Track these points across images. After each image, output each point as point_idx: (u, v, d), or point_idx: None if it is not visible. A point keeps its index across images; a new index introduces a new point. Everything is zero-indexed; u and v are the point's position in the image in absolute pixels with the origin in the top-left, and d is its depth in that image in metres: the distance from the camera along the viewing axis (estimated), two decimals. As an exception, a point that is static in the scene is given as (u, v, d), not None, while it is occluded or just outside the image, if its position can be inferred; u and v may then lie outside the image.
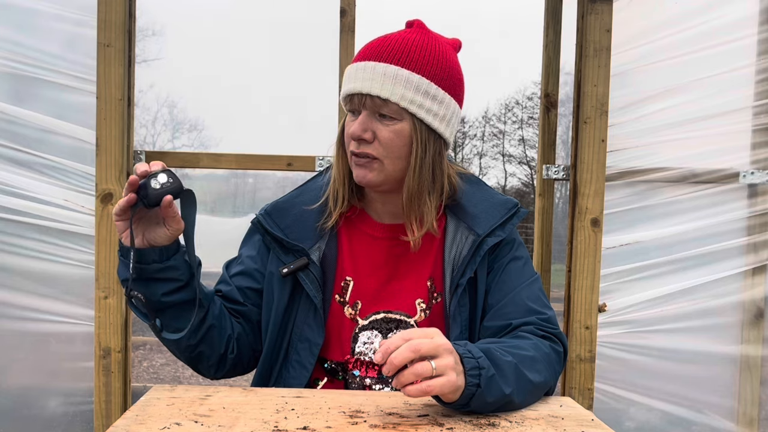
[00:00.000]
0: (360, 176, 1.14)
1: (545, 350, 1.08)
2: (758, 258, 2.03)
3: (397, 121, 1.11)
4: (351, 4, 1.99)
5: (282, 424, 0.87)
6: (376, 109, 1.11)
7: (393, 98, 1.09)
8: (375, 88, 1.09)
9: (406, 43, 1.13)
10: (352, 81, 1.12)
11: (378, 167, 1.12)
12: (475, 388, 0.90)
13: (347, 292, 1.20)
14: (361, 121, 1.11)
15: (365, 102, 1.10)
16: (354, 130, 1.11)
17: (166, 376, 4.70)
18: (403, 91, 1.10)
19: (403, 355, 0.85)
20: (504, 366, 0.96)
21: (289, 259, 1.17)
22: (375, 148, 1.11)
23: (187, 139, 7.55)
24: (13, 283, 1.93)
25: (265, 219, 1.22)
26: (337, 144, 1.20)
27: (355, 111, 1.13)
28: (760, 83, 2.03)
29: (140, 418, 0.88)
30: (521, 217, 1.22)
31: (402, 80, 1.10)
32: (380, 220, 1.23)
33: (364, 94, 1.10)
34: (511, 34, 41.02)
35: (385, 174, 1.13)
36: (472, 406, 0.92)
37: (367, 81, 1.10)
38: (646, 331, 2.03)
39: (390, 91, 1.09)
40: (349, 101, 1.13)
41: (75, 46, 1.92)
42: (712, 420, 2.06)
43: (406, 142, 1.12)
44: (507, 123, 27.74)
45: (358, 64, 1.13)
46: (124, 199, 1.01)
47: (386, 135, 1.11)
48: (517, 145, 27.35)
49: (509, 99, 30.23)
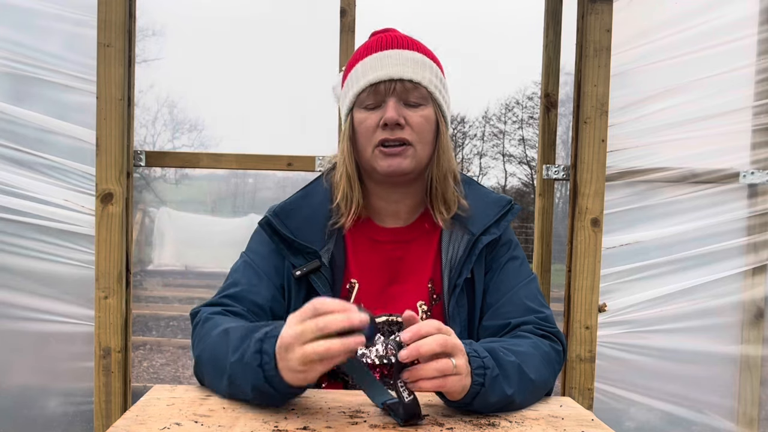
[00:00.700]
0: (395, 165, 1.12)
1: (545, 349, 1.08)
2: (758, 258, 2.03)
3: (424, 106, 1.13)
4: (351, 4, 1.99)
5: (282, 424, 0.87)
6: (406, 94, 1.12)
7: (424, 82, 1.12)
8: (408, 72, 1.10)
9: (408, 36, 1.18)
10: (378, 69, 1.11)
11: (411, 153, 1.13)
12: (479, 387, 0.90)
13: (352, 295, 1.19)
14: (394, 107, 1.10)
15: (394, 88, 1.11)
16: (391, 115, 1.10)
17: (166, 376, 4.70)
18: (430, 76, 1.14)
19: (431, 346, 0.84)
20: (507, 366, 0.96)
21: (298, 261, 1.16)
22: (408, 133, 1.12)
23: (187, 139, 7.55)
24: (13, 283, 1.94)
25: (274, 219, 1.18)
26: (348, 142, 1.17)
27: (377, 103, 1.12)
28: (760, 83, 2.03)
29: (140, 419, 0.88)
30: (515, 214, 1.22)
31: (427, 66, 1.14)
32: (382, 224, 1.23)
33: (395, 79, 1.10)
34: (511, 34, 41.03)
35: (417, 160, 1.14)
36: (474, 405, 0.92)
37: (398, 66, 1.11)
38: (646, 331, 2.03)
39: (421, 75, 1.12)
40: (374, 91, 1.12)
41: (75, 46, 1.93)
42: (712, 420, 2.06)
43: (433, 127, 1.15)
44: (507, 123, 27.75)
45: (378, 53, 1.13)
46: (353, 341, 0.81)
47: (417, 120, 1.12)
48: (518, 145, 27.37)
49: (509, 99, 30.23)
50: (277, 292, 1.17)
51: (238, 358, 0.91)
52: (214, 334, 1.02)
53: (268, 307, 1.15)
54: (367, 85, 1.12)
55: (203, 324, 1.08)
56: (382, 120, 1.11)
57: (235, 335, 0.96)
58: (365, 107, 1.14)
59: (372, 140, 1.13)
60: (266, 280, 1.16)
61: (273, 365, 0.85)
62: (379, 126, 1.12)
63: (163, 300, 6.76)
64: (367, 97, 1.13)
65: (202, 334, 1.06)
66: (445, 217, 1.18)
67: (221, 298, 1.15)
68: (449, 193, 1.19)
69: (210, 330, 1.04)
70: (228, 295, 1.15)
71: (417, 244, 1.21)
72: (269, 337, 0.88)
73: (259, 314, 1.14)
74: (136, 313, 2.35)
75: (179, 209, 8.55)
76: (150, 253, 9.08)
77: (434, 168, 1.18)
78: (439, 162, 1.17)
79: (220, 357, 0.96)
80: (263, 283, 1.16)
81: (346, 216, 1.18)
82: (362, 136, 1.15)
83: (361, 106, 1.15)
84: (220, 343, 0.98)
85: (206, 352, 1.02)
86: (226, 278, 1.21)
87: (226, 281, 1.20)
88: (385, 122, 1.11)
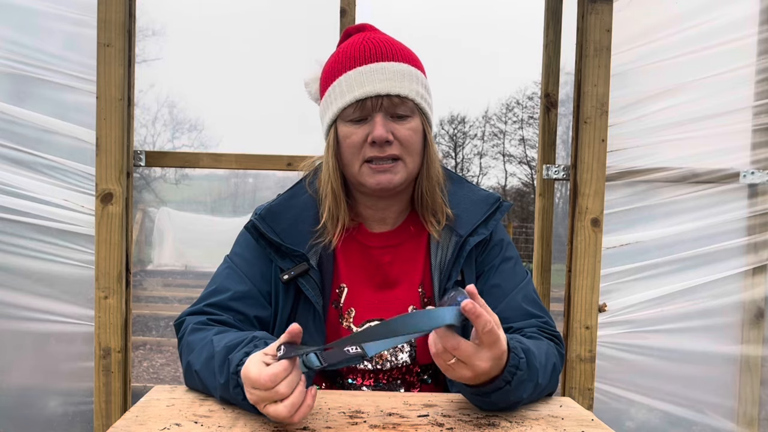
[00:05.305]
0: (385, 181, 1.11)
1: (554, 351, 1.08)
2: (758, 258, 2.03)
3: (411, 117, 1.12)
4: (351, 4, 1.99)
5: (282, 424, 0.87)
6: (393, 109, 1.10)
7: (411, 95, 1.10)
8: (395, 88, 1.08)
9: (388, 42, 1.14)
10: (365, 84, 1.08)
11: (401, 168, 1.12)
12: (505, 384, 0.89)
13: (341, 299, 1.18)
14: (383, 123, 1.08)
15: (381, 104, 1.08)
16: (380, 133, 1.07)
17: (166, 376, 4.70)
18: (417, 87, 1.12)
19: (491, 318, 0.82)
20: (534, 371, 0.95)
21: (286, 264, 1.13)
22: (397, 148, 1.10)
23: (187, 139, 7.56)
24: (13, 283, 1.94)
25: (260, 223, 1.16)
26: (333, 158, 1.14)
27: (363, 116, 1.10)
28: (760, 83, 2.03)
29: (140, 419, 0.88)
30: (504, 212, 1.20)
31: (413, 76, 1.12)
32: (370, 229, 1.21)
33: (383, 95, 1.08)
34: (512, 34, 41.02)
35: (407, 173, 1.13)
36: (492, 398, 0.91)
37: (384, 82, 1.08)
38: (646, 331, 2.03)
39: (408, 88, 1.10)
40: (360, 106, 1.09)
41: (75, 46, 1.92)
42: (712, 420, 2.06)
43: (421, 138, 1.14)
44: (507, 123, 27.77)
45: (363, 67, 1.10)
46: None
47: (405, 133, 1.11)
48: (518, 145, 27.40)
49: (510, 99, 30.27)
50: (263, 298, 1.15)
51: (224, 384, 0.92)
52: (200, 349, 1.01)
53: (252, 315, 1.13)
54: (353, 101, 1.09)
55: (190, 334, 1.07)
56: (369, 137, 1.09)
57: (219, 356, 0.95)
58: (350, 121, 1.11)
59: (359, 156, 1.11)
60: (251, 286, 1.15)
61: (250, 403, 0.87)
62: (367, 142, 1.10)
63: (163, 300, 6.76)
64: (353, 112, 1.10)
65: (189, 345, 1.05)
66: (436, 228, 1.17)
67: (205, 306, 1.13)
68: (437, 204, 1.18)
69: (196, 343, 1.04)
70: (212, 303, 1.13)
71: (405, 248, 1.20)
72: (239, 373, 0.88)
73: (244, 322, 1.13)
74: (136, 313, 2.35)
75: (179, 209, 8.56)
76: (150, 253, 9.09)
77: (424, 180, 1.16)
78: (429, 174, 1.16)
79: (208, 377, 0.97)
80: (248, 289, 1.14)
81: (332, 234, 1.16)
82: (347, 151, 1.12)
83: (345, 119, 1.12)
84: (207, 363, 0.98)
85: (194, 366, 1.01)
86: (210, 281, 1.19)
87: (210, 286, 1.17)
88: (373, 140, 1.08)
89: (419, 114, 1.13)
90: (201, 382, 1.00)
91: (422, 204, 1.18)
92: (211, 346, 0.99)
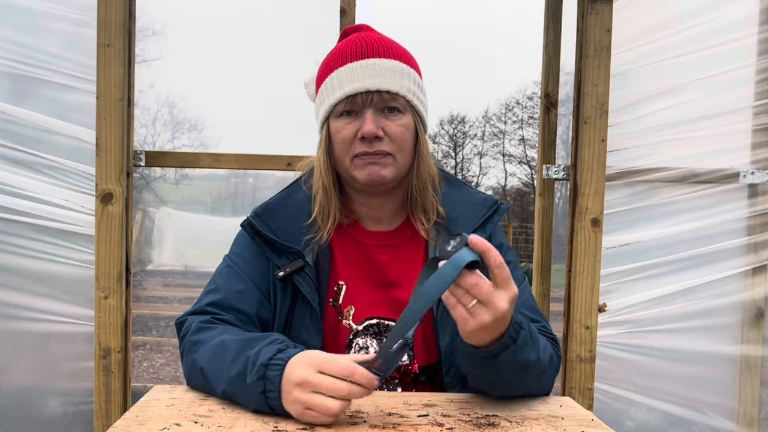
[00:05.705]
0: (374, 173, 1.11)
1: (551, 346, 1.09)
2: (758, 258, 2.03)
3: (402, 114, 1.12)
4: (351, 4, 1.99)
5: (282, 424, 0.87)
6: (384, 104, 1.10)
7: (402, 91, 1.11)
8: (385, 83, 1.09)
9: (381, 40, 1.15)
10: (355, 80, 1.09)
11: (391, 163, 1.12)
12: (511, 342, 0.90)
13: (340, 296, 1.18)
14: (373, 119, 1.09)
15: (371, 99, 1.09)
16: (369, 129, 1.08)
17: (166, 376, 4.70)
18: (408, 84, 1.12)
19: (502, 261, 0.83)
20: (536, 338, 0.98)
21: (282, 262, 1.14)
22: (387, 145, 1.11)
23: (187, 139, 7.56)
24: (13, 283, 1.94)
25: (256, 220, 1.16)
26: (324, 154, 1.15)
27: (354, 112, 1.11)
28: (760, 83, 2.03)
29: (140, 419, 0.88)
30: (502, 214, 1.20)
31: (405, 73, 1.12)
32: (366, 227, 1.22)
33: (372, 91, 1.09)
34: (511, 34, 41.02)
35: (397, 169, 1.13)
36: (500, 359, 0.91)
37: (375, 77, 1.09)
38: (646, 331, 2.03)
39: (399, 84, 1.11)
40: (351, 102, 1.10)
41: (75, 46, 1.93)
42: (712, 420, 2.06)
43: (412, 134, 1.14)
44: (507, 123, 27.79)
45: (354, 63, 1.11)
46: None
47: (396, 130, 1.11)
48: (518, 145, 27.42)
49: (509, 99, 30.30)
50: (263, 296, 1.15)
51: (237, 376, 0.92)
52: (209, 346, 1.01)
53: (253, 313, 1.14)
54: (343, 97, 1.10)
55: (195, 333, 1.06)
56: (359, 132, 1.10)
57: (232, 349, 0.95)
58: (341, 116, 1.12)
59: (350, 151, 1.12)
60: (251, 285, 1.15)
61: (277, 395, 0.87)
62: (357, 138, 1.10)
63: (163, 300, 6.77)
64: (343, 107, 1.11)
65: (194, 344, 1.05)
66: (426, 226, 1.17)
67: (207, 306, 1.13)
68: (428, 202, 1.18)
69: (203, 340, 1.03)
70: (213, 302, 1.13)
71: (404, 249, 1.20)
72: (274, 364, 0.88)
73: (245, 321, 1.13)
74: (136, 313, 2.35)
75: (179, 209, 8.57)
76: (150, 253, 9.09)
77: (414, 177, 1.17)
78: (419, 171, 1.16)
79: (215, 369, 0.97)
80: (248, 288, 1.15)
81: (323, 230, 1.16)
82: (339, 146, 1.13)
83: (336, 115, 1.13)
84: (216, 357, 0.98)
85: (200, 362, 1.00)
86: (209, 281, 1.19)
87: (210, 285, 1.18)
88: (362, 135, 1.09)
89: (411, 111, 1.13)
90: (204, 378, 1.00)
91: (412, 201, 1.19)
92: (221, 341, 0.99)
